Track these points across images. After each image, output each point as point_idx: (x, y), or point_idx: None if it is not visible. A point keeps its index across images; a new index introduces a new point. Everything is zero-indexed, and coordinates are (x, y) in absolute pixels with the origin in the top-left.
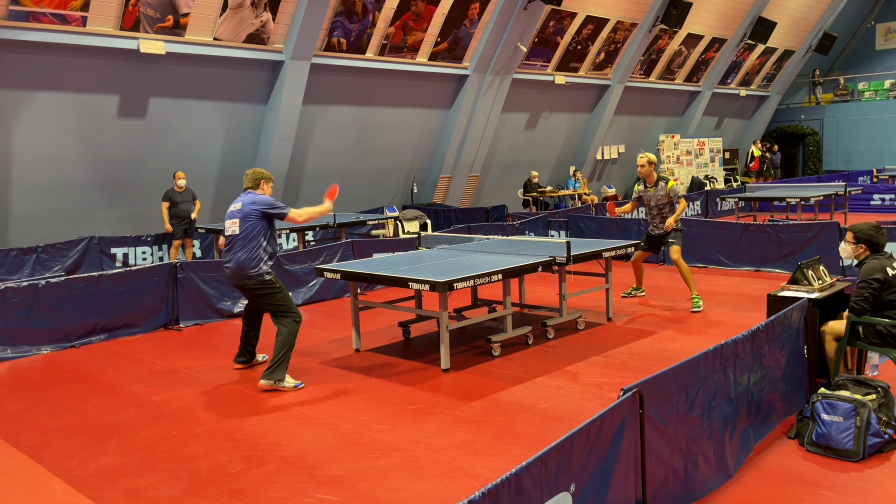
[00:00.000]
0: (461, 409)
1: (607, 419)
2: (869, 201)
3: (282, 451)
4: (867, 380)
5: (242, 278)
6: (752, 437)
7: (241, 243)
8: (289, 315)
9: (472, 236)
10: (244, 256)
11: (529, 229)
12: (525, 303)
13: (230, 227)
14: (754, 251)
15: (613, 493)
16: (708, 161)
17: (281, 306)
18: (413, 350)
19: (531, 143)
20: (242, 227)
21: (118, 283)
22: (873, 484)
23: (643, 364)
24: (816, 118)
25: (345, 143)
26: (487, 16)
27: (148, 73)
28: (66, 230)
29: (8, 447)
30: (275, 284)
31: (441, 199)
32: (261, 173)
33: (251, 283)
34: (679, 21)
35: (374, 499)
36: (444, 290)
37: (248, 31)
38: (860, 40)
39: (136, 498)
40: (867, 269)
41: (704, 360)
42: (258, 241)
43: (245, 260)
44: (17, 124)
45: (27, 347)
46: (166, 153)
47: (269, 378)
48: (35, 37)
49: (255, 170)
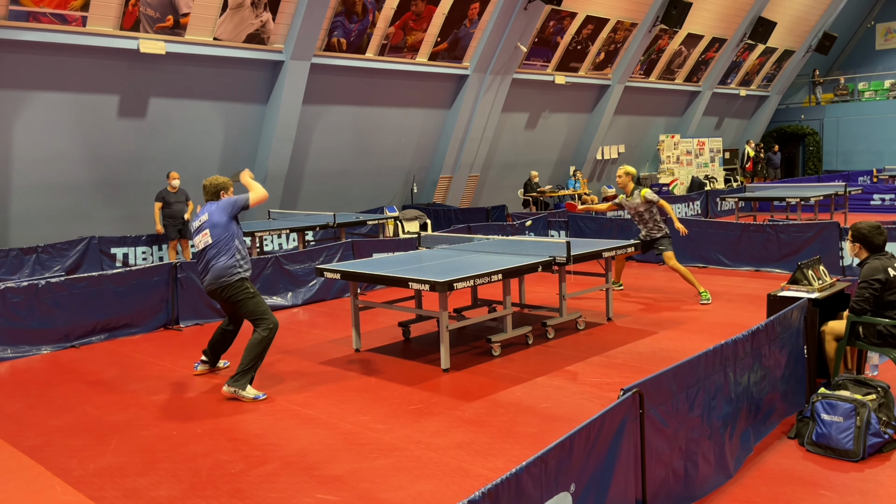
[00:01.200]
0: (461, 409)
1: (607, 419)
2: (869, 201)
3: (282, 451)
4: (867, 380)
5: (220, 285)
6: (752, 437)
7: (215, 251)
8: (264, 321)
9: (472, 236)
10: (224, 262)
11: (529, 229)
12: (525, 303)
13: (201, 240)
14: (754, 251)
15: (613, 492)
16: (708, 161)
17: (255, 313)
18: (413, 350)
19: (531, 143)
20: (214, 235)
21: (118, 283)
22: (873, 484)
23: (643, 364)
24: (816, 118)
25: (345, 143)
26: (487, 16)
27: (148, 73)
28: (66, 230)
29: (8, 447)
30: (249, 289)
31: (441, 199)
32: (219, 184)
33: (229, 289)
34: (679, 21)
35: (374, 499)
36: (444, 290)
37: (248, 31)
38: (860, 40)
39: (136, 498)
40: (868, 269)
41: (704, 360)
42: (232, 243)
43: (224, 266)
44: (17, 124)
45: (27, 347)
46: (166, 153)
47: (233, 385)
48: (35, 37)
49: (211, 181)
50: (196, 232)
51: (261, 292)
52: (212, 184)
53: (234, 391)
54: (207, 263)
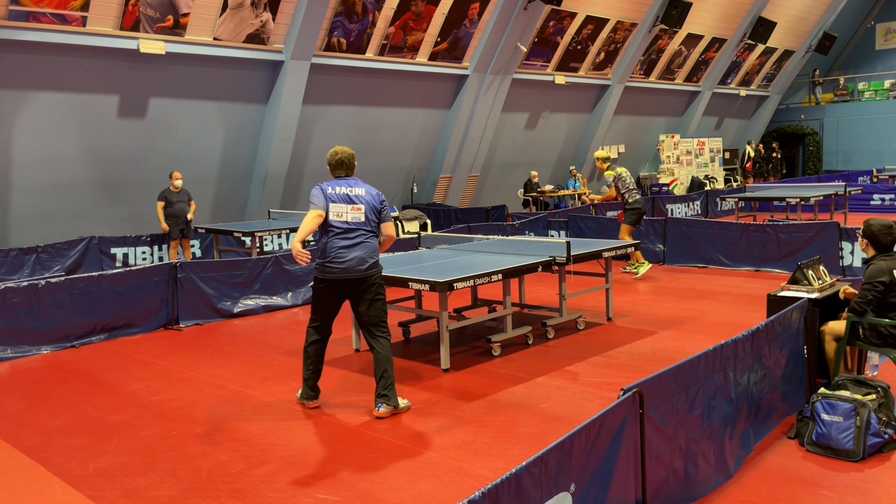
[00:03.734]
0: (461, 409)
1: (607, 419)
2: (869, 201)
3: (282, 451)
4: (867, 380)
5: (369, 274)
6: (752, 437)
7: (370, 232)
8: (386, 326)
9: (472, 236)
10: (370, 248)
11: (529, 229)
12: (525, 303)
13: (351, 213)
14: (754, 251)
15: (613, 493)
16: (708, 161)
17: (384, 315)
18: (413, 350)
19: (531, 143)
20: (368, 216)
21: (118, 283)
22: (873, 484)
23: (643, 364)
24: (816, 118)
25: (345, 143)
26: (487, 16)
27: (148, 73)
28: (66, 230)
29: (8, 447)
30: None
31: (441, 199)
32: (353, 154)
33: (375, 280)
34: (679, 21)
35: (374, 499)
36: (444, 290)
37: (248, 31)
38: (860, 40)
39: (136, 498)
40: (874, 269)
41: (704, 360)
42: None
43: (371, 252)
44: (17, 124)
45: (27, 347)
46: (166, 153)
47: (389, 404)
48: (35, 37)
49: (345, 150)
50: (344, 198)
51: (261, 292)
52: (348, 154)
53: (391, 410)
54: (358, 244)
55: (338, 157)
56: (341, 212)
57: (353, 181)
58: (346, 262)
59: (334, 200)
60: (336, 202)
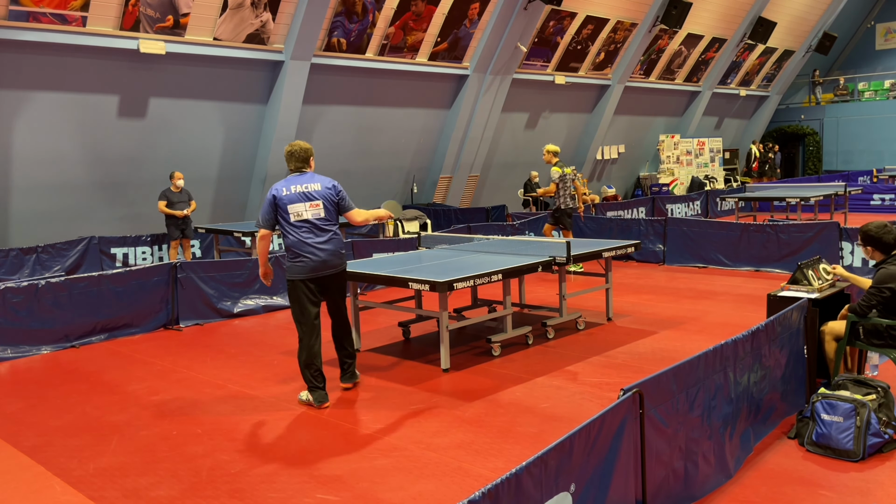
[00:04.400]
0: (461, 409)
1: (607, 419)
2: (869, 201)
3: (282, 451)
4: (867, 380)
5: (336, 264)
6: (752, 437)
7: (333, 228)
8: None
9: (472, 236)
10: (338, 240)
11: (529, 229)
12: (525, 303)
13: (310, 211)
14: (754, 251)
15: (613, 493)
16: (708, 161)
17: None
18: (413, 350)
19: (531, 143)
20: (328, 211)
21: (118, 283)
22: (873, 484)
23: (643, 364)
24: (816, 118)
25: (345, 143)
26: (487, 16)
27: (148, 73)
28: (66, 230)
29: (8, 447)
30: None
31: (441, 199)
32: (310, 149)
33: (341, 268)
34: (679, 21)
35: (374, 499)
36: (444, 290)
37: (248, 31)
38: (860, 40)
39: (136, 498)
40: (883, 274)
41: (704, 360)
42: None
43: (339, 244)
44: (17, 124)
45: (27, 347)
46: (166, 153)
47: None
48: (35, 37)
49: (302, 144)
50: (300, 197)
51: (261, 292)
52: (303, 148)
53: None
54: (328, 239)
55: (290, 151)
56: (299, 211)
57: (309, 176)
58: (322, 256)
59: (291, 201)
60: (293, 202)
